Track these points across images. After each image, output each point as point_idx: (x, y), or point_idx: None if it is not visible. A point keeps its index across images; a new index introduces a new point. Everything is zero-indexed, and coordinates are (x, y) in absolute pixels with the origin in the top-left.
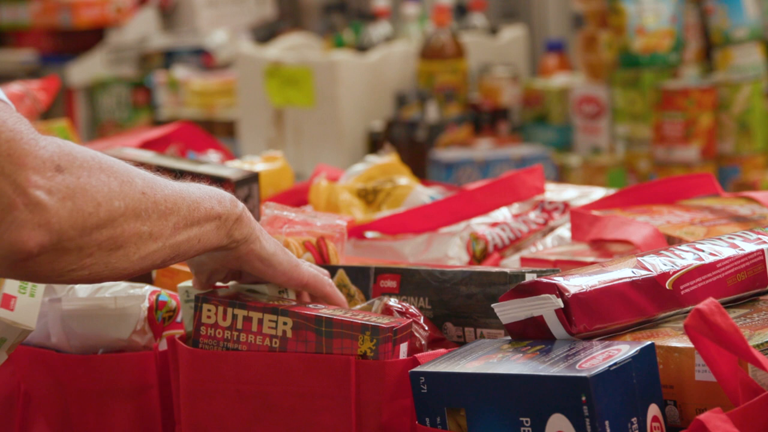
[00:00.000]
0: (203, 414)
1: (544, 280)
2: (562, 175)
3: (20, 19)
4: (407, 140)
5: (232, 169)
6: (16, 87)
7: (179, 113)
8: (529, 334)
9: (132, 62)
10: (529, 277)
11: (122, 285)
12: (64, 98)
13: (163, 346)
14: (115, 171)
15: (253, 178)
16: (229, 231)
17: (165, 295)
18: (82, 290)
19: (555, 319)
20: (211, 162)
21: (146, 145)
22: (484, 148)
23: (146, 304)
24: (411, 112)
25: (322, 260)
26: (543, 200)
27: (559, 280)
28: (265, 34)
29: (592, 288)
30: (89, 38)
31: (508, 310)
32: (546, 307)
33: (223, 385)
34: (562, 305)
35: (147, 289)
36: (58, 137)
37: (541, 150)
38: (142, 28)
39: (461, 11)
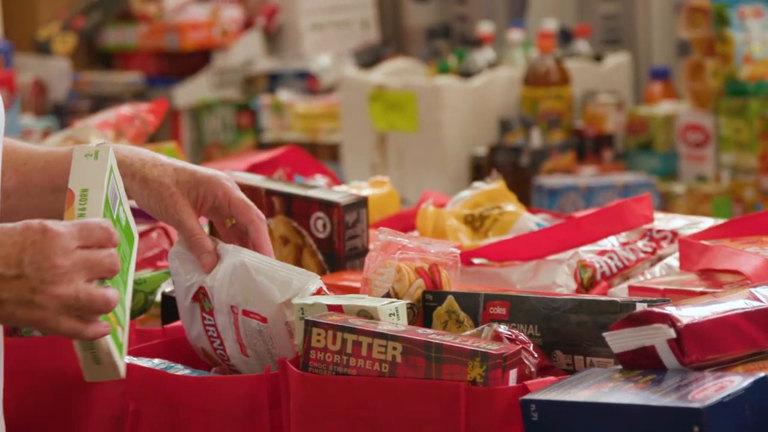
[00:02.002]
0: None
1: (657, 309)
2: (666, 204)
3: (128, 41)
4: (511, 166)
5: (341, 193)
6: (125, 109)
7: (283, 136)
8: (640, 364)
9: (237, 85)
10: (640, 307)
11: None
12: (169, 120)
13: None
14: None
15: (361, 203)
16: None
17: None
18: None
19: (667, 349)
20: (319, 186)
21: (254, 169)
22: (587, 175)
23: None
24: (515, 138)
25: (434, 287)
26: (651, 229)
27: (671, 310)
28: (369, 58)
29: (705, 319)
30: (195, 61)
31: (620, 339)
32: (658, 337)
33: (333, 409)
34: (674, 335)
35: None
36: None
37: (645, 177)
38: (247, 52)
39: (565, 37)
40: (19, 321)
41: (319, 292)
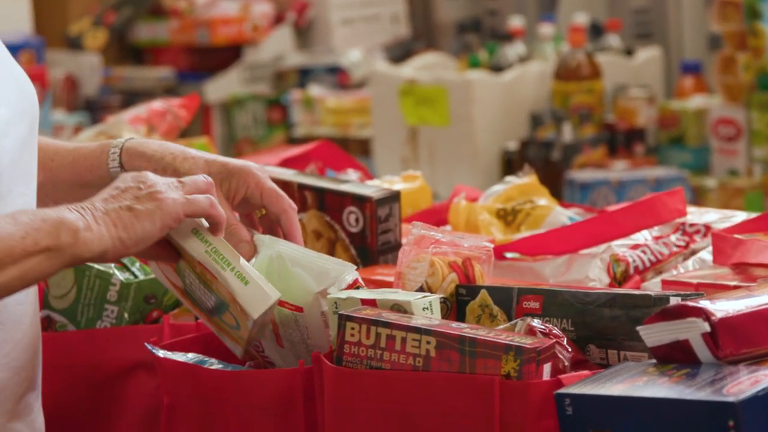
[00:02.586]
0: None
1: (691, 303)
2: (698, 198)
3: (159, 36)
4: (542, 160)
5: (373, 187)
6: (158, 104)
7: (314, 131)
8: (675, 358)
9: (267, 80)
10: (674, 301)
11: None
12: (201, 115)
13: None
14: None
15: (394, 197)
16: (68, 259)
17: None
18: None
19: (701, 343)
20: (352, 181)
21: (286, 163)
22: (619, 169)
23: None
24: (546, 132)
25: (468, 281)
26: (684, 223)
27: (705, 303)
28: (400, 53)
29: (739, 312)
30: (226, 56)
31: (654, 333)
32: (692, 330)
33: (367, 403)
34: (708, 329)
35: None
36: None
37: (677, 172)
38: (277, 47)
39: (596, 32)
40: (152, 215)
41: (354, 282)
